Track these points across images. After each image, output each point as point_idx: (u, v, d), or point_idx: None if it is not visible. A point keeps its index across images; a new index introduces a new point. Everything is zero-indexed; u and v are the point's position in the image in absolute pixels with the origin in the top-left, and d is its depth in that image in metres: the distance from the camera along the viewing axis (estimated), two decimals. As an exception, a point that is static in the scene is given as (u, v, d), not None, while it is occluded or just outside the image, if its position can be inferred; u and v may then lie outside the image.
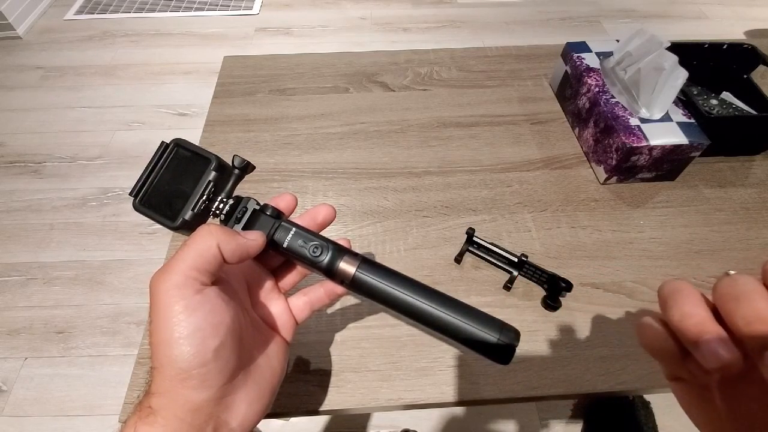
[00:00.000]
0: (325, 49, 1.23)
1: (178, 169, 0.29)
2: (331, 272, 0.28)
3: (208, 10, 2.06)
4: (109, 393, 1.01)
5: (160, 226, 0.28)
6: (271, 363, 0.28)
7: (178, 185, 0.29)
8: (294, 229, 0.29)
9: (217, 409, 0.23)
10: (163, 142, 0.29)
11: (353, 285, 0.28)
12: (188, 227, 0.28)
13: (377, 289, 0.27)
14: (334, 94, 0.64)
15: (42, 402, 1.00)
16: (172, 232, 0.29)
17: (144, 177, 0.29)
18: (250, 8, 2.06)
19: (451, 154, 0.57)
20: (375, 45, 1.89)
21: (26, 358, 1.06)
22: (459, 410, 0.99)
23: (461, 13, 2.06)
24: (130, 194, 0.29)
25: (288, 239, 0.28)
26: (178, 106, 1.62)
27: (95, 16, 2.01)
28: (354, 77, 0.67)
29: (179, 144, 0.29)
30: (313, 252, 0.28)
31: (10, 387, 1.02)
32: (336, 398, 0.38)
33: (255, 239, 0.27)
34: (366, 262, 0.28)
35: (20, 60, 1.79)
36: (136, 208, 0.29)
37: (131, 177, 1.43)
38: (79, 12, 2.02)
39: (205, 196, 0.28)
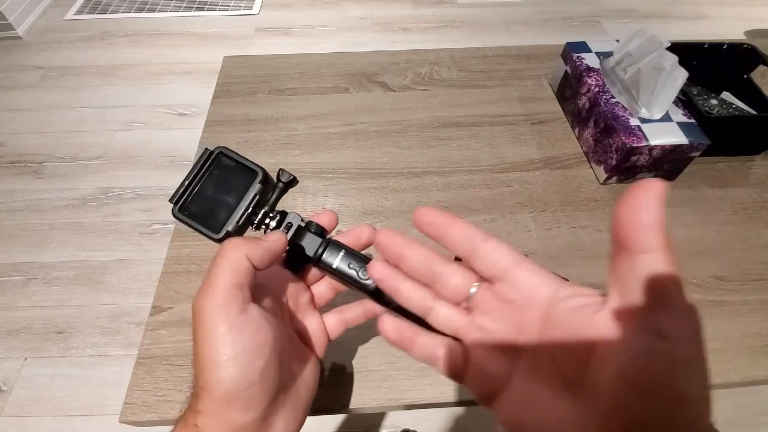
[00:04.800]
0: (325, 49, 1.23)
1: (221, 178, 0.29)
2: (379, 295, 0.28)
3: (208, 10, 2.06)
4: (109, 393, 1.01)
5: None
6: (306, 380, 0.28)
7: (222, 195, 0.28)
8: (343, 250, 0.28)
9: (259, 429, 0.23)
10: (206, 149, 0.29)
11: (400, 309, 0.27)
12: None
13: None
14: (334, 94, 0.64)
15: (42, 402, 1.00)
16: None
17: (185, 184, 0.28)
18: (250, 8, 2.06)
19: (451, 154, 0.57)
20: (375, 45, 1.89)
21: (26, 358, 1.06)
22: (459, 410, 0.99)
23: (461, 13, 2.06)
24: (170, 201, 0.28)
25: (338, 260, 0.28)
26: (178, 106, 1.62)
27: (95, 16, 2.01)
28: (354, 77, 0.67)
29: (223, 153, 0.29)
30: (363, 275, 0.28)
31: (10, 387, 1.02)
32: (336, 398, 0.38)
33: (278, 239, 0.27)
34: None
35: (20, 60, 1.79)
36: (175, 216, 0.28)
37: (131, 177, 1.44)
38: (79, 12, 2.02)
39: (250, 210, 0.28)
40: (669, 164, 0.51)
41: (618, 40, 0.56)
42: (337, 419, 0.98)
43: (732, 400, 0.99)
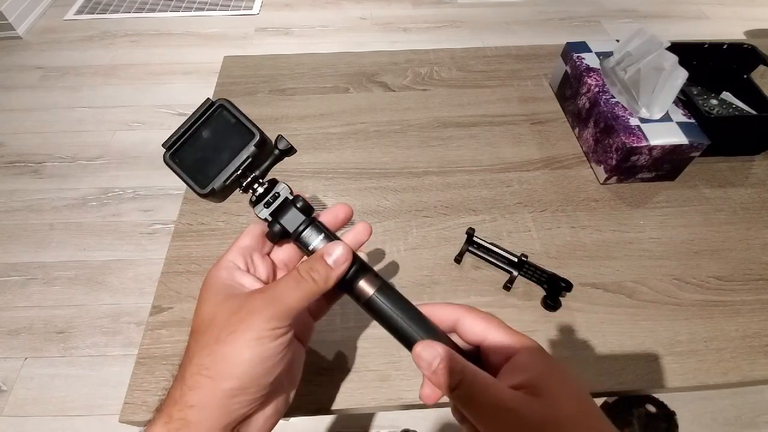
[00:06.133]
0: (325, 49, 1.23)
1: (217, 132, 0.27)
2: (348, 286, 0.27)
3: (208, 10, 2.06)
4: (109, 393, 1.01)
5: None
6: (291, 376, 0.28)
7: (215, 150, 0.27)
8: (323, 234, 0.27)
9: (241, 424, 0.24)
10: (208, 99, 0.28)
11: (365, 305, 0.27)
12: (215, 196, 0.27)
13: (387, 317, 0.26)
14: (334, 94, 0.64)
15: (42, 402, 1.00)
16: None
17: (181, 131, 0.27)
18: (250, 8, 2.06)
19: (451, 154, 0.57)
20: (375, 45, 1.89)
21: (26, 358, 1.06)
22: (459, 410, 0.98)
23: (461, 13, 2.06)
24: (163, 145, 0.27)
25: (316, 243, 0.27)
26: (178, 106, 1.62)
27: (95, 16, 2.01)
28: (354, 77, 0.67)
29: (224, 106, 0.27)
30: None
31: (10, 387, 1.02)
32: (336, 398, 0.38)
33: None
34: (385, 286, 0.27)
35: (20, 60, 1.79)
36: (166, 162, 0.27)
37: (131, 177, 1.44)
38: (79, 12, 2.02)
39: (240, 171, 0.27)
40: (669, 164, 0.51)
41: (618, 40, 0.56)
42: (336, 419, 0.98)
43: (732, 400, 0.99)
